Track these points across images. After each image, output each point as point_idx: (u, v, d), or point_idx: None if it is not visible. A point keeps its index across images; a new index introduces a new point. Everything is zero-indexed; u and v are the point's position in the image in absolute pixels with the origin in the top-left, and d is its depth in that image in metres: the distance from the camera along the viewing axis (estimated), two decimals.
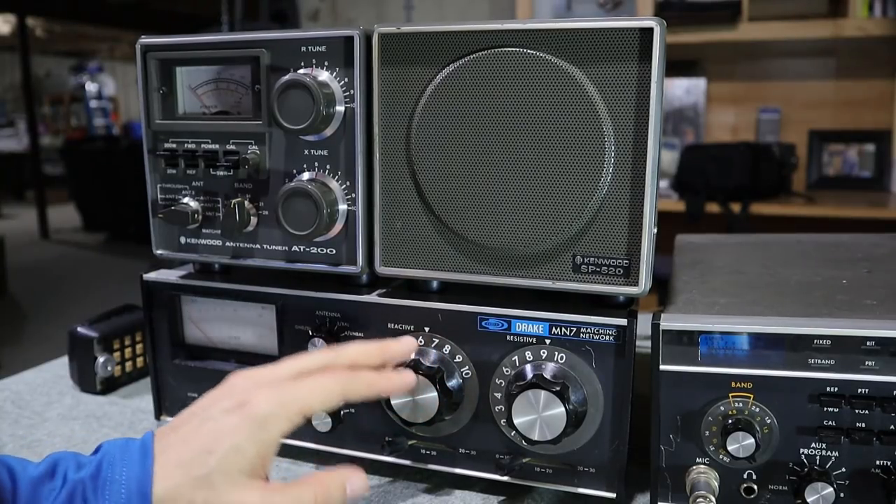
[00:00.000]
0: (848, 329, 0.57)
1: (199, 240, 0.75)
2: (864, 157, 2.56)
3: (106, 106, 10.60)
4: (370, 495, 0.69)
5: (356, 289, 0.71)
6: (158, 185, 0.75)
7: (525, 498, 0.69)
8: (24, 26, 7.32)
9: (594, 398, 0.64)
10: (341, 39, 0.65)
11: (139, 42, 0.72)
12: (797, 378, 0.58)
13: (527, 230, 0.62)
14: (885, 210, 2.21)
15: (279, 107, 0.66)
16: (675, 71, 2.65)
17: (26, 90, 7.24)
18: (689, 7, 2.43)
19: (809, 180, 2.60)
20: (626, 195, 0.60)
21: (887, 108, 2.52)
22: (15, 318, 4.27)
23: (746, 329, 0.59)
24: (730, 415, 0.59)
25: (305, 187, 0.66)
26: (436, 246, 0.67)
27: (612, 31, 0.58)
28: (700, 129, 2.71)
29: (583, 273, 0.63)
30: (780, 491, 0.60)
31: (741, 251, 0.88)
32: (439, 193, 0.65)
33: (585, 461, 0.65)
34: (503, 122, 0.62)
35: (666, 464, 0.62)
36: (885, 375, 0.56)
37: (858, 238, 0.95)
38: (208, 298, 0.77)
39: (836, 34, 2.31)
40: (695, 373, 0.60)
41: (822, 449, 0.59)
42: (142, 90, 0.73)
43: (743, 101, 2.68)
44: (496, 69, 0.61)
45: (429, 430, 0.69)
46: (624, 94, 0.59)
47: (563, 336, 0.64)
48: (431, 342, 0.68)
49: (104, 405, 0.90)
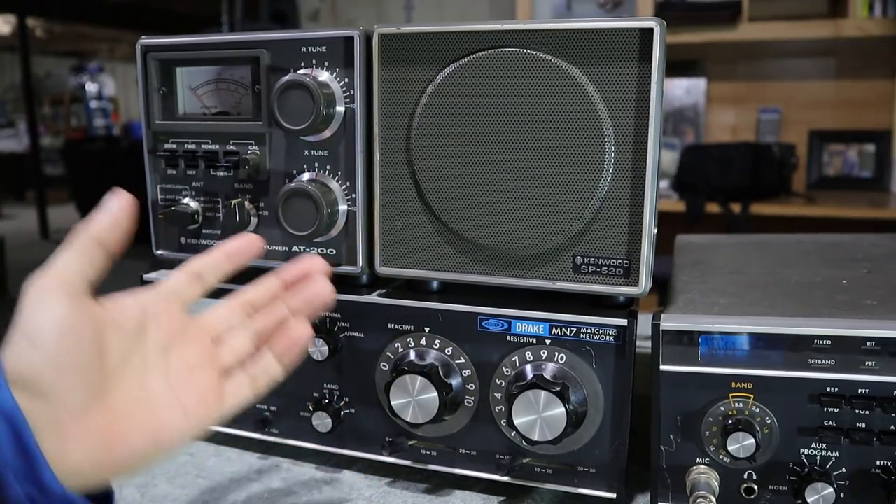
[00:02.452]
0: (848, 329, 0.57)
1: (200, 240, 0.75)
2: (865, 157, 2.56)
3: (106, 106, 10.60)
4: (370, 495, 0.69)
5: (356, 289, 0.71)
6: (159, 186, 0.75)
7: (525, 498, 0.69)
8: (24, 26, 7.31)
9: (594, 398, 0.64)
10: (341, 40, 0.65)
11: (139, 42, 0.72)
12: (797, 378, 0.58)
13: (527, 230, 0.62)
14: (885, 210, 2.21)
15: (279, 107, 0.66)
16: (675, 71, 2.65)
17: (26, 90, 7.24)
18: (689, 7, 2.43)
19: (809, 180, 2.60)
20: (626, 195, 0.60)
21: (887, 108, 2.52)
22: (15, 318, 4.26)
23: (746, 329, 0.59)
24: (730, 415, 0.59)
25: (305, 187, 0.66)
26: (436, 246, 0.67)
27: (612, 32, 0.58)
28: (700, 130, 2.71)
29: (583, 273, 0.63)
30: (781, 491, 0.60)
31: (741, 251, 0.88)
32: (439, 193, 0.65)
33: (585, 461, 0.65)
34: (503, 123, 0.62)
35: (666, 464, 0.62)
36: (886, 375, 0.56)
37: (858, 238, 0.95)
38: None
39: (836, 34, 2.31)
40: (695, 373, 0.60)
41: (823, 449, 0.59)
42: (142, 90, 0.73)
43: (743, 101, 2.68)
44: (496, 69, 0.61)
45: (429, 431, 0.69)
46: (624, 95, 0.59)
47: (563, 336, 0.64)
48: (432, 342, 0.68)
49: None
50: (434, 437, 0.69)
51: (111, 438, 0.47)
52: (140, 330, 0.51)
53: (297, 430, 0.74)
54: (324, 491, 0.70)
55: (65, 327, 0.46)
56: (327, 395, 0.73)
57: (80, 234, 0.49)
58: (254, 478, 0.73)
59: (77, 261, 0.48)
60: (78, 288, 0.48)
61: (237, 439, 0.79)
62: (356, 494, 0.69)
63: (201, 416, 0.52)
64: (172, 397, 0.51)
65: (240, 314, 0.58)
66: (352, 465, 0.75)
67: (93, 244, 0.49)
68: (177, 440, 0.50)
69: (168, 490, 0.70)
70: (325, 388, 0.73)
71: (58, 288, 0.47)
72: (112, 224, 0.50)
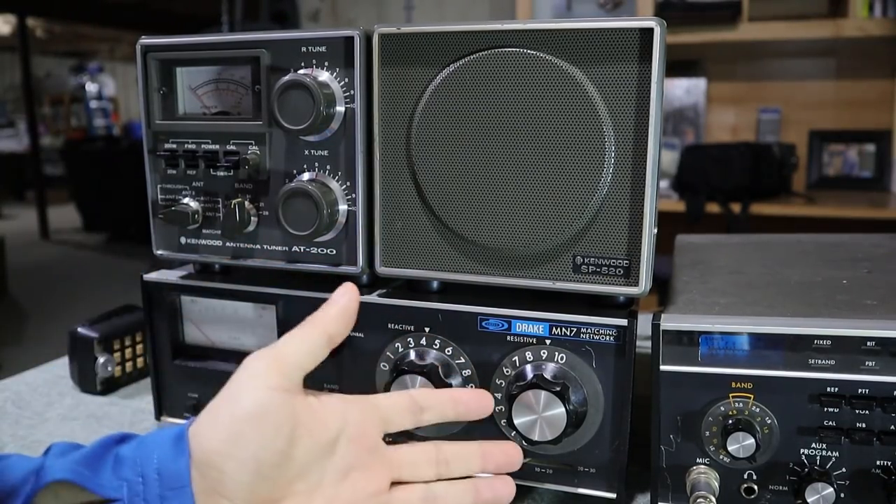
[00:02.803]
0: (848, 329, 0.57)
1: (200, 240, 0.75)
2: (865, 157, 2.57)
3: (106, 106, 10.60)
4: None
5: None
6: (158, 186, 0.75)
7: (525, 498, 0.69)
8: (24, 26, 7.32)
9: (594, 398, 0.64)
10: (341, 40, 0.65)
11: (139, 42, 0.72)
12: (797, 378, 0.58)
13: (527, 230, 0.62)
14: (885, 210, 2.21)
15: (279, 107, 0.66)
16: (675, 71, 2.65)
17: (26, 90, 7.24)
18: (689, 7, 2.43)
19: (809, 180, 2.60)
20: (626, 195, 0.60)
21: (887, 108, 2.52)
22: (15, 318, 4.27)
23: (746, 329, 0.59)
24: (730, 415, 0.59)
25: (305, 187, 0.66)
26: (436, 246, 0.67)
27: (612, 32, 0.58)
28: (700, 130, 2.71)
29: (583, 273, 0.63)
30: (781, 491, 0.60)
31: (741, 251, 0.88)
32: (439, 193, 0.65)
33: (586, 461, 0.65)
34: (503, 123, 0.62)
35: (666, 464, 0.62)
36: (886, 375, 0.56)
37: (859, 238, 0.95)
38: (208, 299, 0.77)
39: (836, 34, 2.31)
40: (695, 373, 0.60)
41: (823, 449, 0.59)
42: (142, 90, 0.73)
43: (743, 101, 2.68)
44: (496, 69, 0.61)
45: (429, 431, 0.69)
46: (624, 95, 0.59)
47: (563, 336, 0.64)
48: (432, 342, 0.68)
49: (104, 405, 0.90)
50: (434, 438, 0.69)
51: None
52: (332, 445, 0.48)
53: None
54: None
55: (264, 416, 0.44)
56: None
57: (313, 322, 0.48)
58: None
59: (302, 350, 0.47)
60: (294, 377, 0.46)
61: None
62: None
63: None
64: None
65: (432, 466, 0.54)
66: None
67: (322, 336, 0.48)
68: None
69: None
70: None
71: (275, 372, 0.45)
72: (340, 316, 0.49)
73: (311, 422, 0.46)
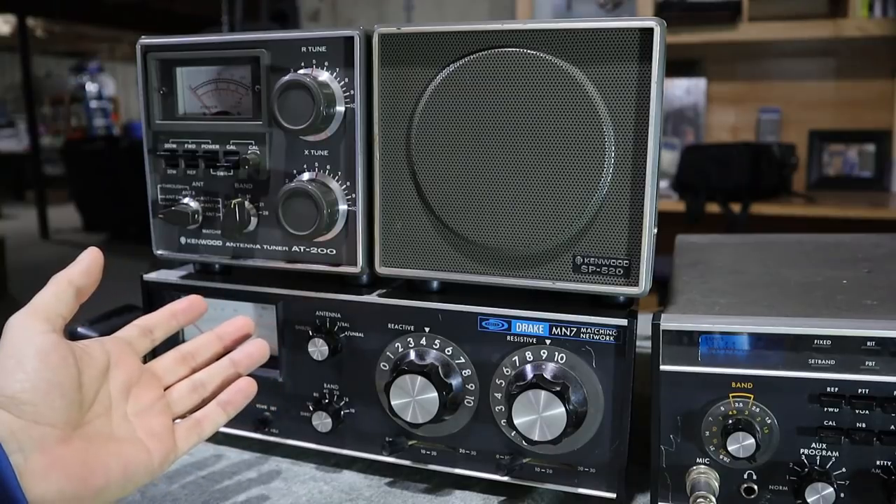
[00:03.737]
0: (848, 329, 0.57)
1: (200, 240, 0.75)
2: (864, 157, 2.56)
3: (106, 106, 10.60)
4: (370, 495, 0.69)
5: (356, 289, 0.71)
6: (158, 186, 0.75)
7: (525, 498, 0.69)
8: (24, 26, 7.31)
9: (594, 398, 0.64)
10: (341, 40, 0.65)
11: (139, 42, 0.72)
12: (797, 378, 0.58)
13: (527, 230, 0.62)
14: (885, 210, 2.21)
15: (279, 107, 0.66)
16: (675, 71, 2.65)
17: (26, 90, 7.24)
18: (689, 7, 2.43)
19: (809, 180, 2.60)
20: (626, 195, 0.60)
21: (887, 108, 2.52)
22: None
23: (746, 329, 0.59)
24: (730, 415, 0.59)
25: (305, 187, 0.66)
26: (436, 246, 0.67)
27: (612, 32, 0.58)
28: (700, 130, 2.71)
29: (583, 273, 0.63)
30: (781, 491, 0.60)
31: (741, 251, 0.89)
32: (439, 193, 0.65)
33: (586, 461, 0.65)
34: (503, 123, 0.62)
35: (666, 464, 0.62)
36: (886, 375, 0.56)
37: (859, 238, 0.95)
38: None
39: (836, 34, 2.31)
40: (695, 373, 0.60)
41: (823, 449, 0.59)
42: (142, 90, 0.73)
43: (743, 101, 2.68)
44: (496, 69, 0.61)
45: (429, 431, 0.69)
46: (624, 95, 0.59)
47: (563, 336, 0.64)
48: (432, 342, 0.68)
49: None
50: (434, 437, 0.70)
51: (86, 471, 0.51)
52: (105, 370, 0.57)
53: (297, 430, 0.74)
54: (323, 491, 0.70)
55: (49, 352, 0.51)
56: (327, 395, 0.73)
57: (58, 278, 0.56)
58: (253, 477, 0.73)
59: (55, 299, 0.55)
60: (56, 322, 0.54)
61: (237, 439, 0.79)
62: (356, 494, 0.69)
63: (160, 454, 0.57)
64: (135, 435, 0.56)
65: (183, 364, 0.64)
66: (352, 465, 0.75)
67: (69, 287, 0.56)
68: (142, 475, 0.55)
69: (168, 490, 0.70)
70: (325, 387, 0.73)
71: (40, 320, 0.53)
72: (84, 272, 0.57)
73: (83, 356, 0.54)
